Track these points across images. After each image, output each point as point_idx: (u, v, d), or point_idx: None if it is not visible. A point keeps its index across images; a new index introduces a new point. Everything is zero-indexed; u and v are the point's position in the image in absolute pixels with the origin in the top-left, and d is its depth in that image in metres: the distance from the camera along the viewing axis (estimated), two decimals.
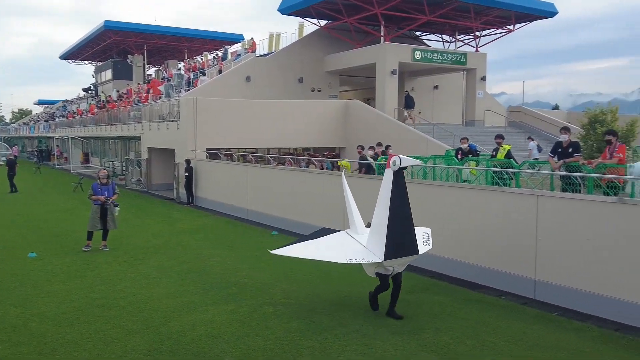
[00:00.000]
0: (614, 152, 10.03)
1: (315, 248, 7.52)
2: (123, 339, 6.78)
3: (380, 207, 7.18)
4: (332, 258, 7.29)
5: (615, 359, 6.12)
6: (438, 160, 15.32)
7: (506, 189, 9.37)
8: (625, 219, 7.25)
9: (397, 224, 6.93)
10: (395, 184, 7.02)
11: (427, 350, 6.34)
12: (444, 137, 25.18)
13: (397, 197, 7.00)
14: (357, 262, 7.12)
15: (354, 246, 7.40)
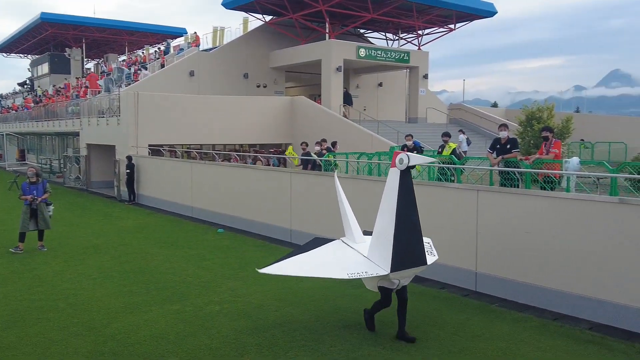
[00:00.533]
0: (550, 148, 10.43)
1: (310, 263, 6.53)
2: (64, 341, 6.56)
3: (384, 212, 6.30)
4: (330, 274, 6.36)
5: (553, 347, 6.37)
6: (383, 156, 15.53)
7: (448, 185, 9.59)
8: (560, 212, 7.55)
9: (404, 232, 6.07)
10: (402, 185, 6.12)
11: (373, 343, 6.42)
12: (389, 133, 25.57)
13: (404, 200, 6.11)
14: (360, 277, 6.19)
15: (354, 257, 6.52)
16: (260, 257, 11.02)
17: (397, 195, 6.10)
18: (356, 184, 10.88)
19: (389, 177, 6.29)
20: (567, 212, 7.48)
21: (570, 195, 7.88)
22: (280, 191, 12.86)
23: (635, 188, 9.25)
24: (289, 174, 12.79)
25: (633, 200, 6.93)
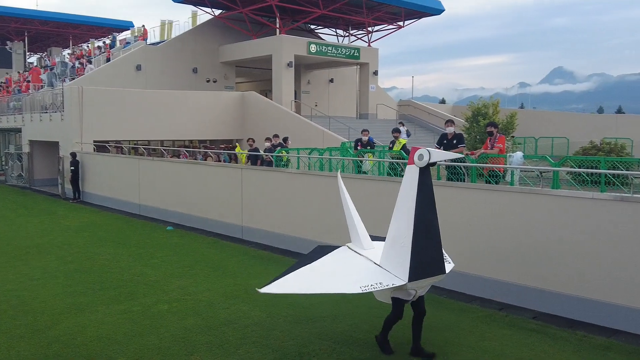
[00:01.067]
0: (494, 142, 10.72)
1: (316, 277, 5.78)
2: (6, 345, 6.32)
3: (400, 214, 5.62)
4: (341, 289, 5.61)
5: (498, 336, 6.56)
6: (334, 152, 15.61)
7: (398, 180, 9.72)
8: (503, 205, 7.77)
9: (424, 237, 5.43)
10: (421, 185, 5.43)
11: (324, 337, 6.46)
12: (340, 129, 25.71)
13: (424, 202, 5.45)
14: (376, 289, 5.49)
15: (365, 267, 5.83)
16: (211, 254, 10.91)
17: (415, 195, 5.42)
18: (307, 180, 10.90)
19: (407, 175, 5.55)
20: (510, 205, 7.70)
21: (513, 188, 8.12)
22: (231, 187, 12.75)
23: (577, 181, 9.62)
24: (239, 170, 12.69)
25: (570, 193, 7.21)
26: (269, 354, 5.99)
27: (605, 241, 6.73)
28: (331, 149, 16.30)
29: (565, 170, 8.94)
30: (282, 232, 11.31)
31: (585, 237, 6.91)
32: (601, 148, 19.17)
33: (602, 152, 18.43)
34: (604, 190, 7.97)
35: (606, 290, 6.80)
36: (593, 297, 6.90)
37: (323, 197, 10.45)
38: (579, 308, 7.02)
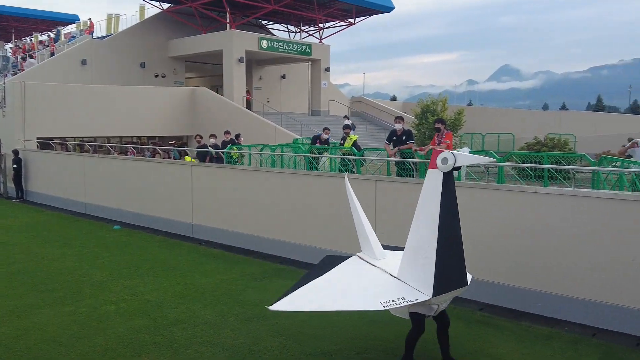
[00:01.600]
0: (442, 138, 10.94)
1: (331, 292, 5.23)
2: None
3: (422, 223, 5.15)
4: (361, 306, 5.05)
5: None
6: (286, 148, 15.59)
7: (349, 176, 9.79)
8: None
9: (448, 247, 5.02)
10: (446, 191, 5.00)
11: (276, 334, 6.44)
12: (292, 125, 25.70)
13: (448, 209, 5.03)
14: (397, 306, 4.97)
15: (382, 280, 5.34)
16: (160, 254, 10.73)
17: (439, 203, 4.98)
18: (259, 176, 10.85)
19: (428, 180, 5.10)
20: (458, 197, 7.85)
21: (460, 183, 8.28)
22: (181, 185, 12.55)
23: (521, 176, 9.92)
24: (189, 167, 12.51)
25: (514, 187, 7.42)
26: (219, 353, 5.94)
27: (547, 233, 6.95)
28: (283, 145, 16.28)
29: (510, 165, 9.19)
30: (235, 229, 11.22)
31: (528, 229, 7.13)
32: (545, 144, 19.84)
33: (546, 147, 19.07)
34: (547, 185, 8.24)
35: (549, 281, 7.04)
36: (536, 289, 7.12)
37: (275, 193, 10.43)
38: (523, 299, 7.24)
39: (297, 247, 10.03)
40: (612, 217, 6.52)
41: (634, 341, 6.25)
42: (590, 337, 6.40)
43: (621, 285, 6.47)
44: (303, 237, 9.93)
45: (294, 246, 10.06)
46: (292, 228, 10.12)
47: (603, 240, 6.57)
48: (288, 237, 10.16)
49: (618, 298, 6.51)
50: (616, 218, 6.50)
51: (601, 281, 6.61)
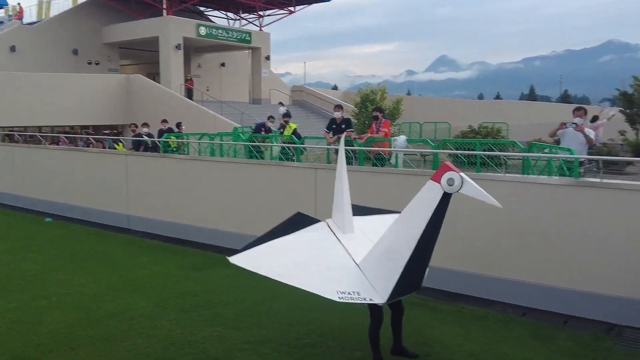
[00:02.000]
0: (380, 127, 11.08)
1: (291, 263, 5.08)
2: None
3: (401, 231, 4.97)
4: (318, 289, 4.77)
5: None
6: (225, 137, 15.40)
7: (289, 164, 9.81)
8: (387, 185, 8.05)
9: (419, 259, 4.90)
10: (439, 210, 4.81)
11: (214, 324, 6.39)
12: (232, 114, 25.42)
13: (435, 226, 4.86)
14: (351, 301, 4.74)
15: (345, 264, 5.11)
16: (94, 246, 10.42)
17: (429, 218, 4.79)
18: (198, 165, 10.68)
19: (426, 191, 4.87)
20: (393, 185, 8.00)
21: (397, 170, 8.45)
22: (115, 175, 12.19)
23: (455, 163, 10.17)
24: (124, 156, 12.17)
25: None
26: (156, 344, 5.83)
27: (479, 218, 7.18)
28: (222, 134, 16.08)
29: (444, 152, 9.42)
30: (172, 220, 11.02)
31: (461, 214, 7.33)
32: (479, 132, 20.45)
33: (480, 135, 19.66)
34: (479, 171, 8.48)
35: (481, 264, 7.28)
36: (469, 271, 7.36)
37: (214, 182, 10.30)
38: (457, 281, 7.47)
39: (237, 236, 9.93)
40: (540, 201, 6.81)
41: (562, 319, 6.56)
42: (521, 317, 6.68)
43: (549, 266, 6.77)
44: (243, 226, 9.86)
45: (234, 235, 9.98)
46: (232, 217, 10.04)
47: (532, 223, 6.85)
48: (228, 226, 10.07)
49: (546, 278, 6.81)
50: (544, 202, 6.78)
51: (530, 263, 6.90)
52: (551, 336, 6.09)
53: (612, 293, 6.38)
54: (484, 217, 7.14)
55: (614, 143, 23.32)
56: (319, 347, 5.76)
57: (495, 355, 5.61)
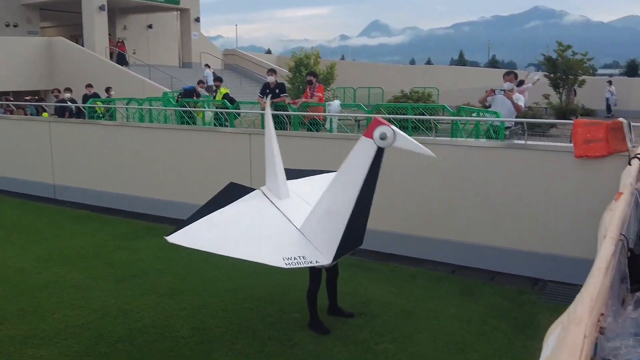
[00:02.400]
0: (314, 92, 11.07)
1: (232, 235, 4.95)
2: None
3: (339, 190, 4.90)
4: (262, 258, 4.70)
5: None
6: (154, 102, 14.96)
7: (222, 129, 9.65)
8: (322, 150, 8.09)
9: (359, 216, 4.91)
10: (374, 166, 4.74)
11: (149, 292, 6.30)
12: (162, 78, 24.65)
13: (372, 182, 4.82)
14: (298, 265, 4.71)
15: (286, 229, 5.05)
16: (19, 217, 9.97)
17: (365, 175, 4.73)
18: (126, 132, 10.33)
19: (360, 148, 4.78)
20: (328, 150, 8.04)
21: (332, 135, 8.49)
22: (38, 143, 11.62)
23: None
24: (47, 123, 11.59)
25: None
26: (88, 315, 5.70)
27: (409, 180, 7.35)
28: (152, 99, 15.59)
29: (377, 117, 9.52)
30: (102, 189, 10.66)
31: (392, 177, 7.49)
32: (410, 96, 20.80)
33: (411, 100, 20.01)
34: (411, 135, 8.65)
35: (413, 225, 7.49)
36: (402, 232, 7.56)
37: (144, 149, 10.01)
38: (391, 242, 7.66)
39: (169, 204, 9.77)
40: (468, 163, 7.03)
41: (489, 275, 6.88)
42: (451, 274, 6.95)
43: (477, 225, 7.05)
44: (176, 194, 9.69)
45: (166, 203, 9.80)
46: (163, 185, 9.82)
47: (460, 185, 7.08)
48: (160, 194, 9.86)
49: (474, 237, 7.10)
50: (472, 164, 7.02)
51: (459, 223, 7.16)
52: (479, 292, 6.39)
53: (536, 250, 6.74)
54: (414, 180, 7.32)
55: (538, 107, 24.33)
56: (257, 311, 5.81)
57: (426, 311, 5.84)
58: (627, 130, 5.83)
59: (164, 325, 5.47)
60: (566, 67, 26.44)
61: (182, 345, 5.07)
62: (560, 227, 6.56)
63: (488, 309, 5.90)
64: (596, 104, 28.06)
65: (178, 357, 4.87)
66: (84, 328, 5.40)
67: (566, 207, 6.47)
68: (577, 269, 6.36)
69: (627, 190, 2.98)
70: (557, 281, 6.59)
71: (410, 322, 5.59)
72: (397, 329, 5.42)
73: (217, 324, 5.53)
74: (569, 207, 6.45)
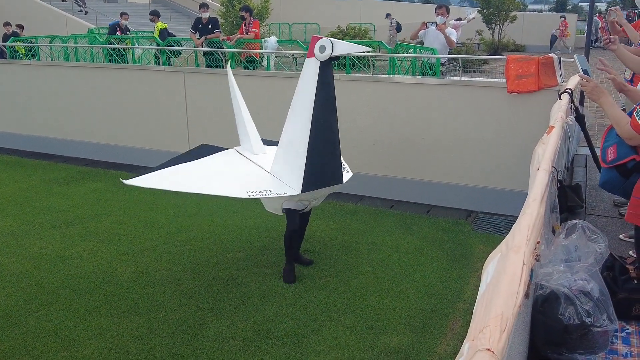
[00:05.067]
0: (249, 28, 10.76)
1: (197, 176, 4.91)
2: None
3: (295, 116, 4.86)
4: (225, 191, 4.66)
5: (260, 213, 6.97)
6: (80, 39, 14.17)
7: (154, 68, 9.29)
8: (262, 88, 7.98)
9: (321, 142, 4.77)
10: (322, 83, 4.67)
11: (86, 238, 6.17)
12: (86, 15, 23.25)
13: (324, 102, 4.73)
14: (264, 197, 4.75)
15: (255, 172, 5.03)
16: None
17: (314, 94, 4.66)
18: (51, 72, 9.79)
19: (305, 70, 4.76)
20: (266, 88, 7.94)
21: (269, 73, 8.36)
22: None
23: None
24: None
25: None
26: (25, 263, 5.55)
27: (350, 117, 7.39)
28: (77, 36, 14.74)
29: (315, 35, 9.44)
30: (29, 133, 10.16)
31: None
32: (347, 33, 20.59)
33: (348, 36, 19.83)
34: (349, 72, 8.63)
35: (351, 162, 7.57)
36: None
37: (72, 90, 9.53)
38: None
39: (103, 147, 9.46)
40: (405, 100, 7.12)
41: (425, 209, 7.13)
42: (389, 209, 7.16)
43: (413, 161, 7.23)
44: (109, 136, 9.37)
45: (99, 147, 9.48)
46: (96, 127, 9.46)
47: (397, 122, 7.19)
48: (93, 137, 9.51)
49: (411, 173, 7.29)
50: (409, 101, 7.11)
51: (396, 159, 7.30)
52: (416, 224, 6.63)
53: (469, 184, 7.01)
54: (352, 117, 7.36)
55: (471, 42, 24.70)
56: (200, 252, 5.82)
57: (366, 245, 6.03)
58: (557, 66, 6.04)
59: (105, 271, 5.41)
60: (499, 3, 26.78)
61: (126, 289, 5.05)
62: (492, 161, 6.82)
63: (424, 241, 6.15)
64: (526, 40, 28.76)
65: (122, 301, 4.85)
66: (22, 276, 5.27)
67: (498, 141, 6.71)
68: (506, 200, 6.71)
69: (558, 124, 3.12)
70: (488, 212, 6.92)
71: (351, 255, 5.77)
72: (338, 263, 5.58)
73: (160, 266, 5.51)
74: (500, 141, 6.70)
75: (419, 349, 4.20)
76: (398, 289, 5.07)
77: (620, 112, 3.26)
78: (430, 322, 4.53)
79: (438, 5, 9.89)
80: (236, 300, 4.86)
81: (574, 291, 2.15)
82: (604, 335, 2.22)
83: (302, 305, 4.78)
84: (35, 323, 4.49)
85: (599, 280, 2.23)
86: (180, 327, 4.45)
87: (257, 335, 4.36)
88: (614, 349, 2.64)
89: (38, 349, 4.17)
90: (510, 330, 1.25)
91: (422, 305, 4.78)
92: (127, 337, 4.32)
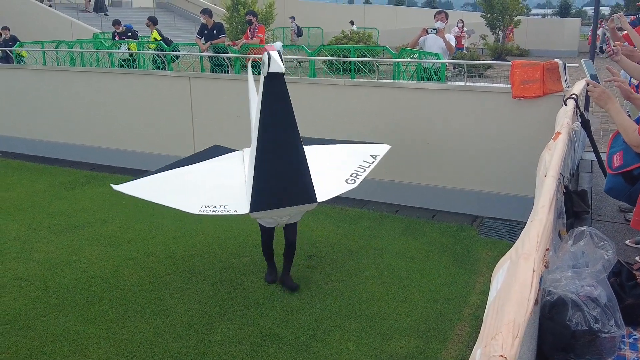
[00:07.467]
0: (254, 33, 10.81)
1: (172, 187, 4.78)
2: None
3: (252, 135, 4.63)
4: (179, 205, 4.47)
5: None
6: (85, 44, 14.23)
7: (160, 73, 9.33)
8: None
9: (268, 164, 4.34)
10: (267, 99, 4.25)
11: (94, 242, 6.21)
12: (91, 19, 23.41)
13: (272, 121, 4.30)
14: (215, 214, 4.37)
15: (229, 185, 4.82)
16: None
17: (260, 112, 4.32)
18: (58, 77, 9.84)
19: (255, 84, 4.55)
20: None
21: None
22: None
23: (331, 70, 10.29)
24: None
25: (325, 80, 7.71)
26: (33, 268, 5.58)
27: (352, 123, 7.41)
28: (82, 41, 14.81)
29: (320, 59, 9.45)
30: (36, 137, 10.22)
31: (334, 121, 7.54)
32: (351, 37, 20.64)
33: (352, 41, 19.87)
34: (353, 77, 8.66)
35: None
36: None
37: (79, 95, 9.58)
38: None
39: (109, 151, 9.51)
40: (410, 105, 7.14)
41: (430, 214, 7.13)
42: (394, 214, 7.17)
43: (419, 166, 7.24)
44: (116, 141, 9.42)
45: (106, 151, 9.53)
46: (102, 132, 9.51)
47: (403, 126, 7.20)
48: (99, 141, 9.56)
49: (416, 178, 7.31)
50: (414, 106, 7.13)
51: (401, 164, 7.31)
52: (421, 229, 6.64)
53: (474, 188, 7.01)
54: (357, 123, 7.39)
55: (475, 47, 24.71)
56: (206, 257, 5.85)
57: (371, 249, 6.04)
58: (562, 71, 6.05)
59: (112, 275, 5.44)
60: (502, 7, 26.79)
61: (133, 294, 5.08)
62: (497, 167, 6.83)
63: (430, 246, 6.16)
64: (530, 44, 28.77)
65: (130, 305, 4.88)
66: (29, 280, 5.30)
67: (503, 146, 6.72)
68: (511, 205, 6.72)
69: (565, 130, 3.14)
70: (493, 217, 6.92)
71: (357, 260, 5.79)
72: (344, 268, 5.60)
73: (166, 270, 5.54)
74: (505, 146, 6.71)
75: (425, 354, 4.21)
76: (404, 294, 5.08)
77: (627, 119, 3.27)
78: (437, 327, 4.53)
79: (437, 11, 9.91)
80: (243, 305, 4.88)
81: (582, 297, 2.16)
82: (611, 341, 2.23)
83: (308, 310, 4.80)
84: (43, 327, 4.52)
85: (606, 286, 2.24)
86: (188, 332, 4.47)
87: (264, 340, 4.38)
88: (621, 355, 2.64)
89: (46, 353, 4.20)
90: (522, 336, 1.27)
91: (428, 311, 4.79)
92: (135, 341, 4.35)
